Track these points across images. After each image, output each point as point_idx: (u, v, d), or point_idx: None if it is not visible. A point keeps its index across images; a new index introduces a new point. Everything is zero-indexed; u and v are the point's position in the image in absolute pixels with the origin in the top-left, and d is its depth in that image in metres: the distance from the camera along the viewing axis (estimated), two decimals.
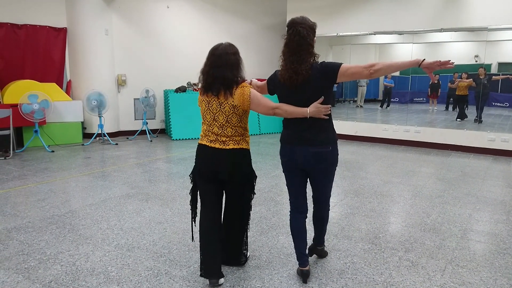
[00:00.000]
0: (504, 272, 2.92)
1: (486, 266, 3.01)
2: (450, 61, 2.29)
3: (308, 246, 2.92)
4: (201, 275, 2.69)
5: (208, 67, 2.58)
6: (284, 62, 2.56)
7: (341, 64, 2.47)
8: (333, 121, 2.67)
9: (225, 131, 2.61)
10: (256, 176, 2.85)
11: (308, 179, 2.74)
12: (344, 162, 6.52)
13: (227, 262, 2.90)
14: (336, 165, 2.71)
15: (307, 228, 2.78)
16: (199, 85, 2.66)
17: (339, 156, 2.68)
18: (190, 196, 2.87)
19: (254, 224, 3.77)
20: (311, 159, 2.58)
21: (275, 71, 2.68)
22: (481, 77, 9.61)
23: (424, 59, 2.38)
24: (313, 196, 2.82)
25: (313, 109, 2.51)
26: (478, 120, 9.52)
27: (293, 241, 2.79)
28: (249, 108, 2.60)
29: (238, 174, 2.68)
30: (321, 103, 2.52)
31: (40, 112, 7.06)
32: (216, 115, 2.60)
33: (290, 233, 2.81)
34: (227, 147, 2.62)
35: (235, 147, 2.63)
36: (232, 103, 2.56)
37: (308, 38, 2.49)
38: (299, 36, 2.47)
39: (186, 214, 4.05)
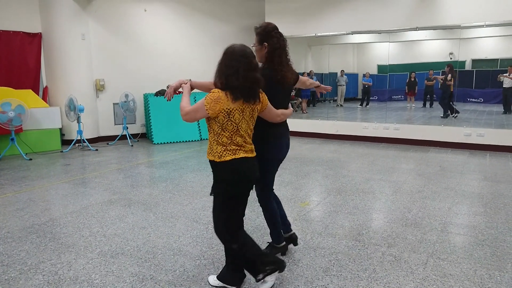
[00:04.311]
0: (483, 263, 3.00)
1: (466, 258, 3.09)
2: None
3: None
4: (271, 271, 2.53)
5: (246, 71, 2.33)
6: (280, 63, 2.74)
7: None
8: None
9: (250, 138, 2.52)
10: None
11: None
12: (326, 161, 6.58)
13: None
14: None
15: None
16: (225, 93, 2.33)
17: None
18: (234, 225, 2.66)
19: None
20: (287, 149, 2.99)
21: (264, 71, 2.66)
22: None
23: None
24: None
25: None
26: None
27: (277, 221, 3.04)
28: (262, 111, 2.56)
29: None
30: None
31: (17, 119, 6.87)
32: (249, 123, 2.46)
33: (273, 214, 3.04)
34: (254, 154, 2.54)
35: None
36: (257, 108, 2.48)
37: None
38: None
39: (170, 218, 4.02)
